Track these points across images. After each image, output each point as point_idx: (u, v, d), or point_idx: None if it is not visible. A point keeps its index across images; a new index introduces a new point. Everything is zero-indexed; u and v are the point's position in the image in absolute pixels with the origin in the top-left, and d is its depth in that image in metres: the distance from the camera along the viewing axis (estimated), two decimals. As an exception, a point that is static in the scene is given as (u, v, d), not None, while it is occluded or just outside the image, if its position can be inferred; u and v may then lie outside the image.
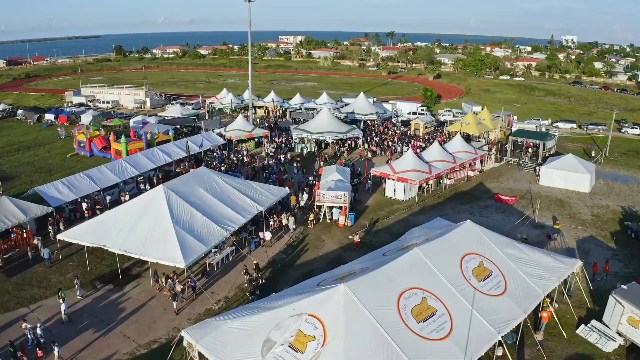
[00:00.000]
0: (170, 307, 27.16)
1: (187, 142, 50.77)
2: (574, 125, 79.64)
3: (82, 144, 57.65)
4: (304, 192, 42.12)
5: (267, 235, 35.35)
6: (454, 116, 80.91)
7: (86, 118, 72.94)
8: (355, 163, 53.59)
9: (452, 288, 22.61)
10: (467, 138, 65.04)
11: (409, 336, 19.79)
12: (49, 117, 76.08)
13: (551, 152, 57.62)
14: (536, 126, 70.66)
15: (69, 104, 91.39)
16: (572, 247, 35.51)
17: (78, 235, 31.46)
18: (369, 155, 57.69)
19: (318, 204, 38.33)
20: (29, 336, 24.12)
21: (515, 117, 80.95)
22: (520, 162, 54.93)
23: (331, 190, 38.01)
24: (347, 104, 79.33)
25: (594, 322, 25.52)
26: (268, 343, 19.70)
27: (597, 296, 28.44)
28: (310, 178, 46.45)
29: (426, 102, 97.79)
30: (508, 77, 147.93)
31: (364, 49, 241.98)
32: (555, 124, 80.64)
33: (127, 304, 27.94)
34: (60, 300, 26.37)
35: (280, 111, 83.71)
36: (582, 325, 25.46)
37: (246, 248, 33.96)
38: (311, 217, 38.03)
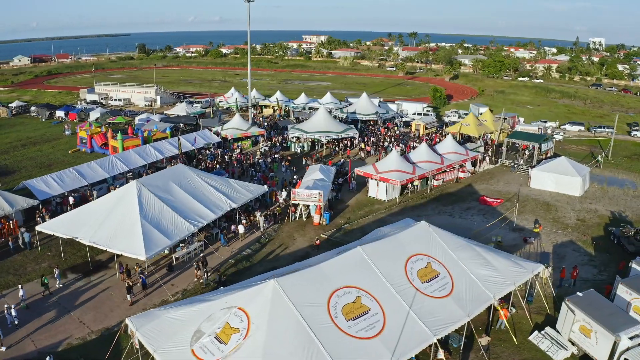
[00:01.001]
0: (131, 297, 28.10)
1: (178, 139, 51.71)
2: (582, 128, 77.76)
3: (83, 141, 59.34)
4: (284, 190, 42.45)
5: (240, 228, 35.92)
6: (459, 117, 79.93)
7: (94, 115, 74.99)
8: (346, 163, 53.62)
9: (391, 288, 22.57)
10: (467, 139, 64.59)
11: (334, 333, 19.89)
12: (60, 114, 78.50)
13: (548, 155, 56.44)
14: (539, 128, 69.19)
15: (81, 102, 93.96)
16: (548, 252, 34.86)
17: (54, 227, 32.62)
18: (362, 155, 57.64)
19: (294, 202, 38.62)
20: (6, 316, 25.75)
21: (521, 119, 79.63)
22: (514, 164, 54.05)
23: (306, 189, 38.23)
24: (351, 104, 79.33)
25: (548, 329, 24.99)
26: (198, 333, 20.21)
27: (559, 302, 27.80)
28: (295, 177, 46.78)
29: (435, 103, 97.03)
30: (526, 79, 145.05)
31: (386, 49, 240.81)
32: (563, 126, 78.96)
33: (91, 293, 29.01)
34: (20, 290, 27.60)
35: (285, 110, 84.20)
36: (536, 332, 24.96)
37: (217, 244, 34.50)
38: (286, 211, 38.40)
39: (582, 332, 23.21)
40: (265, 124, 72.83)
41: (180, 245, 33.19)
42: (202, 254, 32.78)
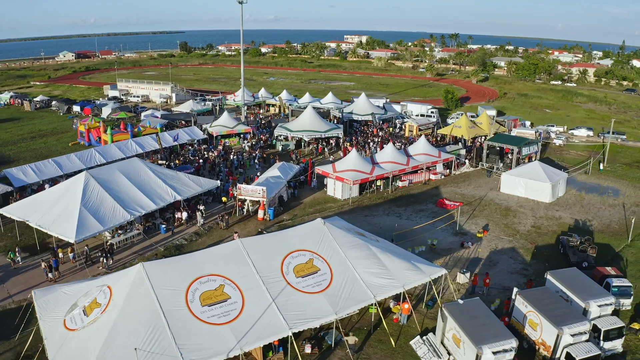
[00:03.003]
0: (57, 274, 30.69)
1: (157, 135, 54.03)
2: (591, 133, 74.50)
3: (83, 134, 62.92)
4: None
5: (184, 214, 37.94)
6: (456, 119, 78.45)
7: (106, 110, 79.04)
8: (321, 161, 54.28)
9: (259, 279, 23.34)
10: (458, 141, 63.63)
11: (185, 317, 21.07)
12: (76, 108, 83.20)
13: (532, 159, 54.76)
14: (536, 132, 67.03)
15: (98, 98, 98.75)
16: (481, 257, 34.27)
17: (13, 210, 35.73)
18: (341, 155, 57.96)
19: (240, 197, 39.80)
20: None
21: (527, 122, 77.31)
22: (489, 169, 52.78)
23: (251, 185, 39.32)
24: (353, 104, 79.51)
25: (430, 335, 24.75)
26: (73, 306, 22.22)
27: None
28: (258, 174, 47.92)
29: (446, 105, 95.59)
30: (559, 82, 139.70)
31: (426, 50, 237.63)
32: (571, 131, 76.05)
33: (27, 269, 31.84)
34: None
35: (289, 109, 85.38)
36: (418, 337, 24.71)
37: (160, 232, 36.40)
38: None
39: (454, 341, 22.89)
40: (263, 122, 74.27)
41: (119, 232, 35.18)
42: (110, 242, 34.55)
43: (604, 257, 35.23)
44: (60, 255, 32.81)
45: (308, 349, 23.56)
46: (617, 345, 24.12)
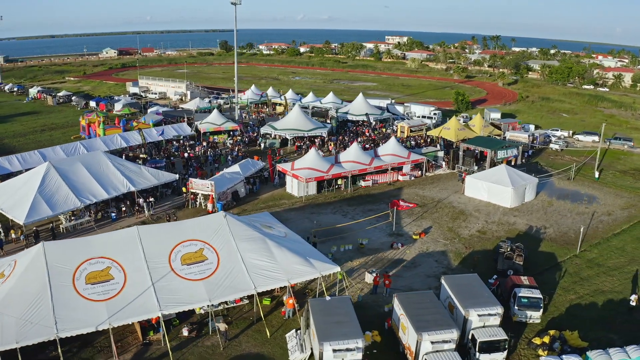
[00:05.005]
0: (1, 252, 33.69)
1: (140, 130, 56.81)
2: (596, 138, 71.40)
3: (84, 128, 66.82)
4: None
5: (142, 201, 40.46)
6: (463, 121, 77.25)
7: (118, 106, 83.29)
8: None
9: (144, 264, 25.07)
10: (450, 144, 63.07)
11: (69, 293, 23.32)
12: (92, 104, 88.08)
13: (513, 163, 53.49)
14: (529, 136, 65.20)
15: (120, 95, 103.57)
16: (404, 259, 34.31)
17: (-17, 196, 38.99)
18: (321, 153, 58.65)
19: (192, 190, 41.54)
20: None
21: (532, 126, 75.20)
22: (460, 172, 51.97)
23: (201, 179, 41.01)
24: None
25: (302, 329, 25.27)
26: None
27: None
28: (223, 169, 49.48)
29: (456, 107, 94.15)
30: (591, 87, 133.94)
31: (461, 52, 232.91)
32: (576, 136, 73.34)
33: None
34: None
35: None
36: (293, 330, 25.26)
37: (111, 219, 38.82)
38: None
39: (313, 337, 23.27)
40: (259, 120, 76.10)
41: (70, 217, 37.82)
42: (95, 227, 37.07)
43: (542, 266, 34.45)
44: (13, 235, 35.79)
45: (185, 332, 24.90)
46: (497, 358, 23.30)
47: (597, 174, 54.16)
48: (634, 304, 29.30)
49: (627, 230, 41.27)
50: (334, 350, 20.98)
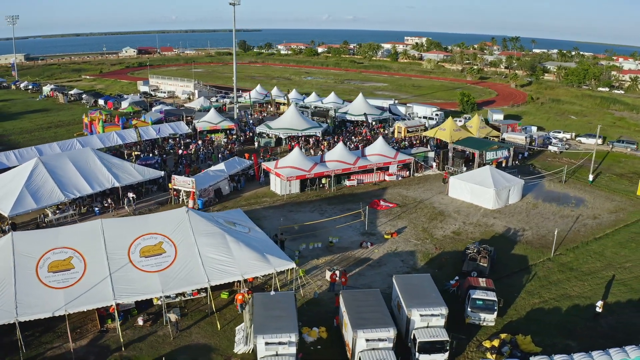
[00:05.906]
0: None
1: (136, 128, 58.24)
2: (600, 141, 70.20)
3: (86, 126, 68.78)
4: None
5: (130, 194, 41.80)
6: (464, 122, 76.91)
7: (125, 105, 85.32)
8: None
9: (104, 254, 26.21)
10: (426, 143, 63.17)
11: (31, 279, 24.66)
12: (101, 102, 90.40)
13: (502, 164, 53.19)
14: (527, 137, 64.56)
15: (129, 93, 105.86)
16: (371, 258, 34.63)
17: (-24, 189, 40.83)
18: (312, 153, 59.29)
19: (174, 187, 42.61)
20: None
21: (534, 128, 74.45)
22: (449, 173, 51.95)
23: (182, 176, 42.07)
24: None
25: None
26: None
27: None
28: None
29: (462, 107, 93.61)
30: (607, 89, 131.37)
31: (486, 52, 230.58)
32: (578, 138, 72.34)
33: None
34: None
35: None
36: (243, 323, 25.74)
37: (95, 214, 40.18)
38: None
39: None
40: (256, 119, 77.15)
41: (56, 210, 39.28)
42: (77, 220, 38.33)
43: (512, 268, 34.36)
44: (-2, 227, 37.49)
45: (141, 322, 25.86)
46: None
47: (591, 177, 53.42)
48: (599, 310, 28.86)
49: (611, 234, 40.75)
50: (267, 343, 21.54)
